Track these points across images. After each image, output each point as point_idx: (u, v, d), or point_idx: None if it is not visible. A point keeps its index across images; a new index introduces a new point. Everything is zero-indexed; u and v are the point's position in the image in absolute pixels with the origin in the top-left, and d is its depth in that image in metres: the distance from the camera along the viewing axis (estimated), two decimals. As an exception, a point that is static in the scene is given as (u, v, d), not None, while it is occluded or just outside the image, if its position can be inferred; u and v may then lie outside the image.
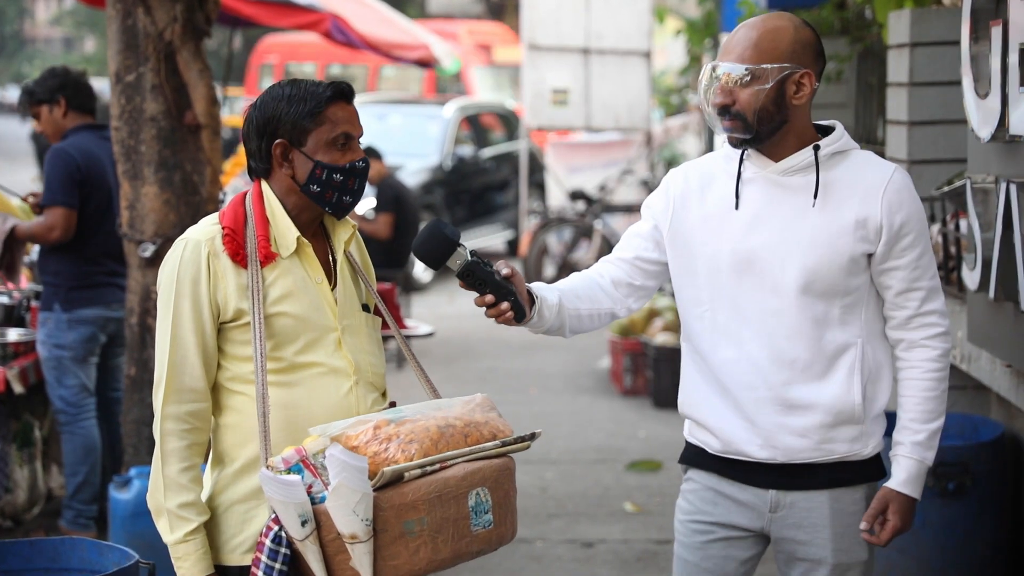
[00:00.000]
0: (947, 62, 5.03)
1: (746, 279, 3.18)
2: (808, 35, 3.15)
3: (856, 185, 3.15)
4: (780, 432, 3.18)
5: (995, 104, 3.87)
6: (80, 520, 6.05)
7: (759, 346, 3.17)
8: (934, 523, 4.72)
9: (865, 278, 3.17)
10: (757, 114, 3.10)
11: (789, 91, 3.12)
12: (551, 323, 3.19)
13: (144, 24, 5.33)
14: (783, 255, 3.15)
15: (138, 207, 5.40)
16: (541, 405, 8.70)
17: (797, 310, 3.14)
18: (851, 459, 3.20)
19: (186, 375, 3.03)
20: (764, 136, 3.14)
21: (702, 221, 3.23)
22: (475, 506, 2.91)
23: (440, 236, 3.02)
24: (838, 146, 3.18)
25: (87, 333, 6.02)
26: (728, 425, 3.22)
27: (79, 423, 6.05)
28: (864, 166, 3.19)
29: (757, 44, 3.11)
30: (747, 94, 3.10)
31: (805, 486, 3.21)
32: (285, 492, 2.79)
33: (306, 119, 3.04)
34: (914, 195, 3.18)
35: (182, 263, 3.04)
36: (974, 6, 4.08)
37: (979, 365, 4.56)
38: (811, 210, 3.14)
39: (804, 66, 3.12)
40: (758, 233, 3.17)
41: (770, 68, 3.09)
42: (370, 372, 3.17)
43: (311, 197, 3.08)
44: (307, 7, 10.11)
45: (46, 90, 6.16)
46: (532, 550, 6.04)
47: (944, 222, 4.95)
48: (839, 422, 3.17)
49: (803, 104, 3.14)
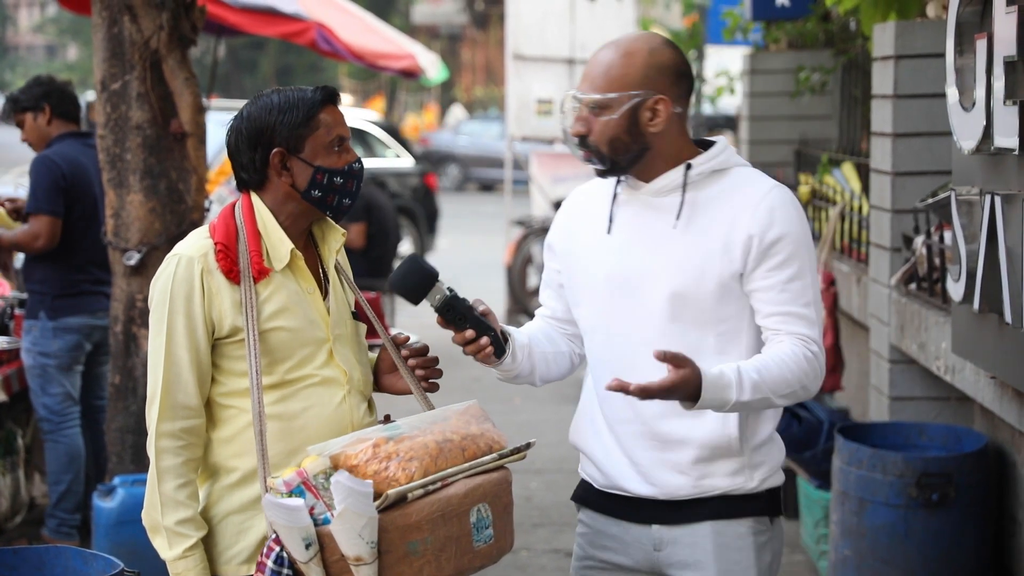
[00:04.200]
0: (932, 74, 5.05)
1: (620, 306, 3.04)
2: (665, 58, 3.00)
3: (728, 204, 2.98)
4: (657, 467, 3.03)
5: (980, 116, 3.89)
6: (63, 529, 6.03)
7: (632, 378, 2.91)
8: (918, 533, 4.73)
9: (742, 304, 2.99)
10: (610, 144, 2.98)
11: (643, 119, 2.97)
12: (523, 366, 3.12)
13: (130, 32, 5.32)
14: (652, 281, 3.00)
15: (123, 215, 5.39)
16: (526, 414, 8.70)
17: (668, 339, 2.96)
18: (734, 493, 3.04)
19: (180, 392, 3.02)
20: (623, 166, 3.01)
21: (583, 247, 3.12)
22: (477, 522, 2.91)
23: (418, 270, 3.00)
24: (714, 164, 3.02)
25: (72, 341, 6.01)
26: (609, 459, 3.10)
27: (63, 431, 6.03)
28: (741, 184, 3.01)
29: (607, 72, 2.98)
30: (600, 124, 2.97)
31: (687, 519, 3.05)
32: (289, 517, 2.78)
33: (301, 126, 3.03)
34: (792, 216, 2.98)
35: (175, 280, 3.02)
36: (959, 19, 4.09)
37: (963, 376, 4.58)
38: (675, 232, 2.99)
39: (658, 91, 2.97)
40: (629, 258, 3.04)
41: (618, 97, 2.96)
42: (360, 381, 3.17)
43: (312, 203, 3.07)
44: (293, 16, 10.10)
45: (31, 98, 6.16)
46: (517, 560, 6.04)
47: (929, 234, 4.97)
48: (716, 456, 3.01)
49: (662, 130, 2.99)
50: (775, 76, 8.97)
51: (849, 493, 4.89)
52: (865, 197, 6.21)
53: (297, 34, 10.28)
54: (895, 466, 4.76)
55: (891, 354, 5.40)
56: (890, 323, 5.38)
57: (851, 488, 4.88)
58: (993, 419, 4.90)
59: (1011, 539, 4.81)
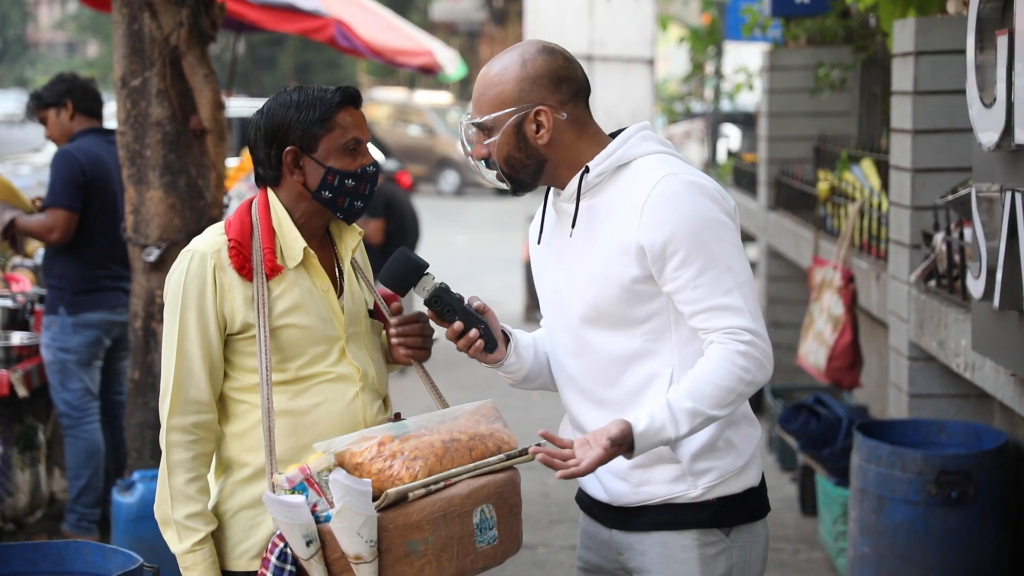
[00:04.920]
0: (952, 71, 5.03)
1: (555, 317, 3.05)
2: (538, 67, 2.93)
3: (619, 207, 2.90)
4: (606, 474, 3.00)
5: (1000, 113, 3.87)
6: (83, 524, 6.05)
7: (570, 387, 3.03)
8: (937, 531, 4.72)
9: (661, 302, 2.90)
10: (507, 164, 2.95)
11: (529, 133, 2.92)
12: (529, 365, 3.11)
13: (150, 29, 5.33)
14: (568, 289, 2.99)
15: (143, 211, 5.41)
16: (543, 410, 8.69)
17: (593, 348, 2.95)
18: (676, 501, 2.97)
19: (192, 387, 3.03)
20: (527, 182, 2.97)
21: (533, 256, 3.14)
22: (480, 523, 2.90)
23: (405, 261, 3.01)
24: (612, 161, 2.93)
25: (92, 337, 6.03)
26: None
27: (82, 427, 6.05)
28: (632, 182, 2.90)
29: (484, 93, 2.95)
30: (491, 146, 2.94)
31: (636, 527, 3.02)
32: (289, 514, 2.78)
33: (316, 125, 3.03)
34: (679, 208, 2.84)
35: (188, 276, 3.03)
36: (980, 15, 4.08)
37: (983, 374, 4.56)
38: (573, 241, 2.96)
39: (535, 103, 2.91)
40: (552, 268, 3.04)
41: (497, 117, 2.92)
42: (374, 378, 3.17)
43: (323, 203, 3.07)
44: (312, 13, 10.11)
45: (54, 94, 6.19)
46: (535, 556, 6.04)
47: (948, 231, 4.96)
48: (652, 462, 2.95)
49: (552, 139, 2.92)
50: (794, 72, 8.95)
51: (868, 490, 4.88)
52: (885, 194, 6.19)
53: (316, 30, 10.29)
54: (914, 463, 4.74)
55: (910, 351, 5.38)
56: (909, 320, 5.36)
57: (870, 485, 4.87)
58: (1013, 416, 4.89)
59: (1031, 537, 4.79)
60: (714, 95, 13.23)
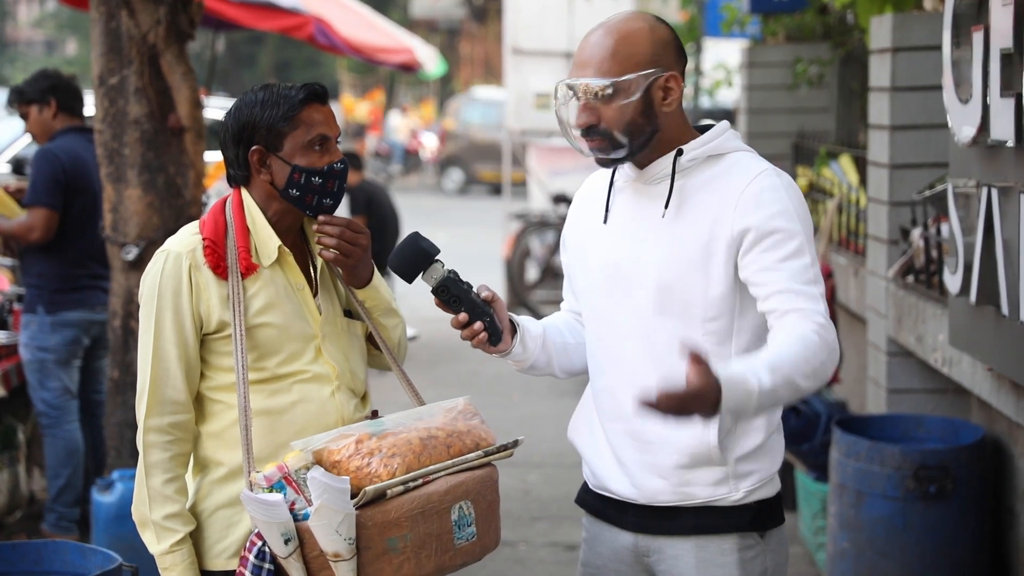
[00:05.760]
0: (929, 67, 5.06)
1: (612, 299, 2.94)
2: (666, 33, 2.87)
3: (716, 192, 2.84)
4: (641, 470, 2.92)
5: (976, 109, 3.89)
6: (62, 523, 6.03)
7: (618, 373, 2.91)
8: (915, 526, 4.74)
9: (733, 302, 2.85)
10: (627, 129, 2.83)
11: (656, 98, 2.84)
12: (536, 355, 3.06)
13: (128, 27, 5.32)
14: (641, 272, 2.89)
15: (121, 210, 5.39)
16: (524, 408, 8.71)
17: (654, 333, 2.87)
18: (716, 504, 2.91)
19: (168, 387, 3.01)
20: (636, 151, 2.86)
21: (585, 237, 3.03)
22: (458, 520, 2.89)
23: (416, 247, 2.96)
24: (707, 149, 2.88)
25: (71, 336, 6.02)
26: (599, 458, 3.02)
27: (62, 426, 6.04)
28: (732, 170, 2.86)
29: (615, 53, 2.82)
30: (612, 110, 2.82)
31: (669, 531, 2.94)
32: (267, 512, 2.77)
33: (281, 123, 3.00)
34: (782, 197, 2.81)
35: (163, 276, 3.01)
36: (956, 11, 4.10)
37: (960, 368, 4.58)
38: (663, 221, 2.87)
39: (668, 68, 2.84)
40: (621, 248, 2.93)
41: (634, 78, 2.81)
42: (350, 377, 3.15)
43: (291, 201, 3.05)
44: (291, 10, 10.10)
45: (37, 91, 6.17)
46: (515, 553, 6.05)
47: (926, 226, 4.98)
48: (696, 463, 2.88)
49: (674, 110, 2.87)
50: (773, 69, 8.97)
51: (847, 485, 4.89)
52: (863, 189, 6.22)
53: (295, 28, 10.28)
54: (893, 458, 4.76)
55: (888, 346, 5.41)
56: (887, 315, 5.38)
57: (849, 480, 4.88)
58: (990, 411, 4.91)
59: (1008, 531, 4.82)
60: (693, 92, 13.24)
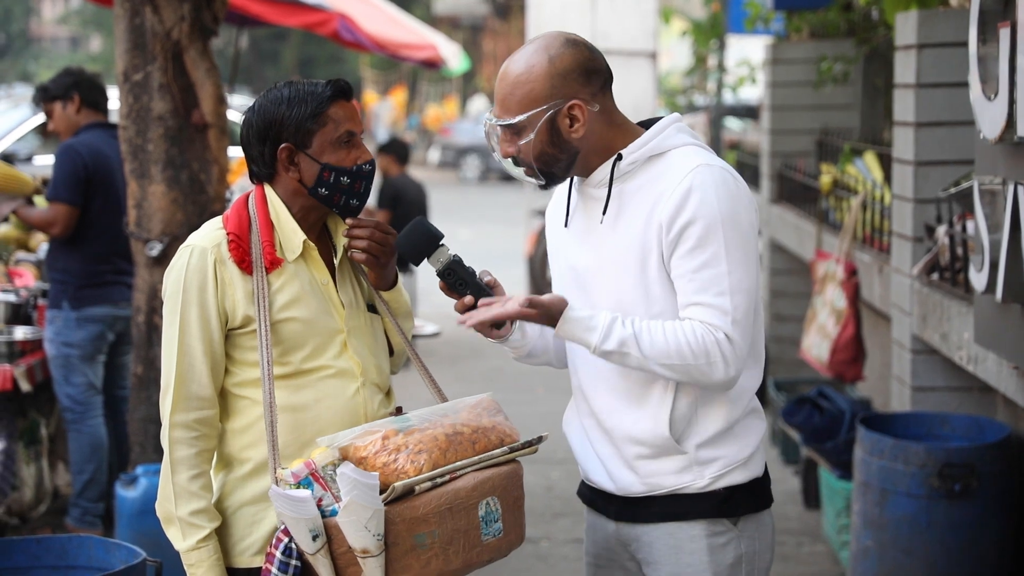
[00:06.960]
0: (955, 63, 5.03)
1: (577, 300, 2.99)
2: (567, 61, 2.90)
3: (652, 193, 2.90)
4: (615, 463, 3.02)
5: (1003, 106, 3.87)
6: (86, 518, 6.06)
7: (586, 371, 3.03)
8: (940, 524, 4.72)
9: (672, 301, 2.91)
10: (539, 161, 2.92)
11: (563, 127, 2.90)
12: (534, 343, 3.13)
13: (152, 23, 5.34)
14: (594, 274, 2.98)
15: (145, 206, 5.41)
16: (548, 404, 8.70)
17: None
18: (682, 491, 2.98)
19: (193, 383, 3.01)
20: (559, 175, 2.96)
21: (553, 237, 3.14)
22: (485, 516, 2.90)
23: (422, 230, 3.01)
24: (647, 150, 2.93)
25: (95, 331, 6.04)
26: (583, 451, 3.11)
27: (86, 421, 6.06)
28: (667, 169, 2.91)
29: (512, 93, 2.90)
30: (523, 145, 2.91)
31: (642, 519, 3.03)
32: (295, 508, 2.78)
33: (309, 120, 3.01)
34: (709, 197, 2.85)
35: (188, 271, 3.01)
36: (982, 7, 4.07)
37: (985, 367, 4.56)
38: (602, 227, 2.96)
39: (568, 98, 2.89)
40: (578, 251, 3.03)
41: (530, 116, 2.89)
42: (375, 373, 3.15)
43: (319, 200, 3.05)
44: (315, 6, 10.11)
45: (60, 87, 6.20)
46: (538, 550, 6.04)
47: (951, 223, 4.95)
48: (658, 454, 2.97)
49: (587, 131, 2.92)
50: (797, 66, 8.94)
51: (871, 483, 4.88)
52: (887, 187, 6.19)
53: (319, 24, 10.29)
54: (917, 456, 4.74)
55: (913, 344, 5.38)
56: (912, 313, 5.36)
57: (873, 478, 4.87)
58: (1015, 409, 4.89)
59: (1034, 530, 4.79)
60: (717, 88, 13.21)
